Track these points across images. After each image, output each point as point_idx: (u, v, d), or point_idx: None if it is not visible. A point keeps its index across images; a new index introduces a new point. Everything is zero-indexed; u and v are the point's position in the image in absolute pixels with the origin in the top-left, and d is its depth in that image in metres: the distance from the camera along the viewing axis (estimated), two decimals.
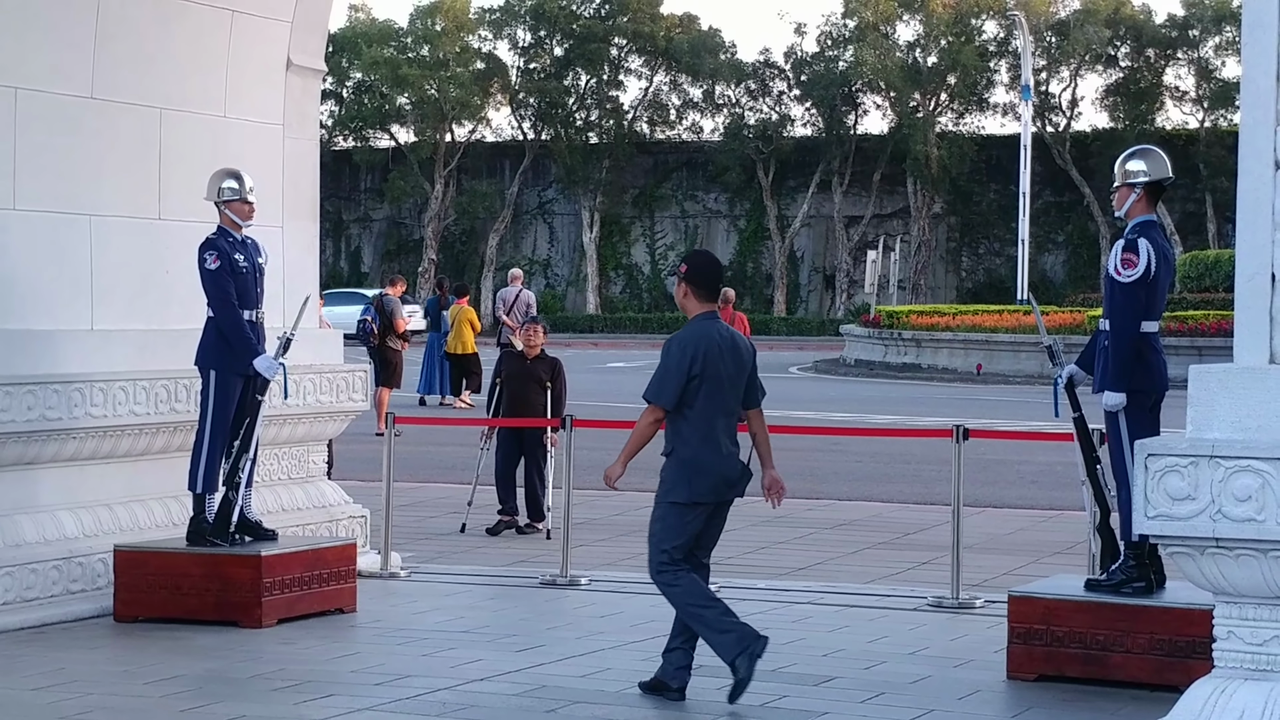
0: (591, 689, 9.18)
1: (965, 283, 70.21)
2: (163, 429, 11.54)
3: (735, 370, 9.05)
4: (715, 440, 8.97)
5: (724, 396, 9.01)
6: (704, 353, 8.93)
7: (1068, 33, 68.30)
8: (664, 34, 72.51)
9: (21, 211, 11.00)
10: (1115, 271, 9.45)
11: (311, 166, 13.14)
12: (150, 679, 9.28)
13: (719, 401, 9.00)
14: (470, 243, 74.88)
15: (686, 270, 9.09)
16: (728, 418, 9.05)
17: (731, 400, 9.06)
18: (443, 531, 15.47)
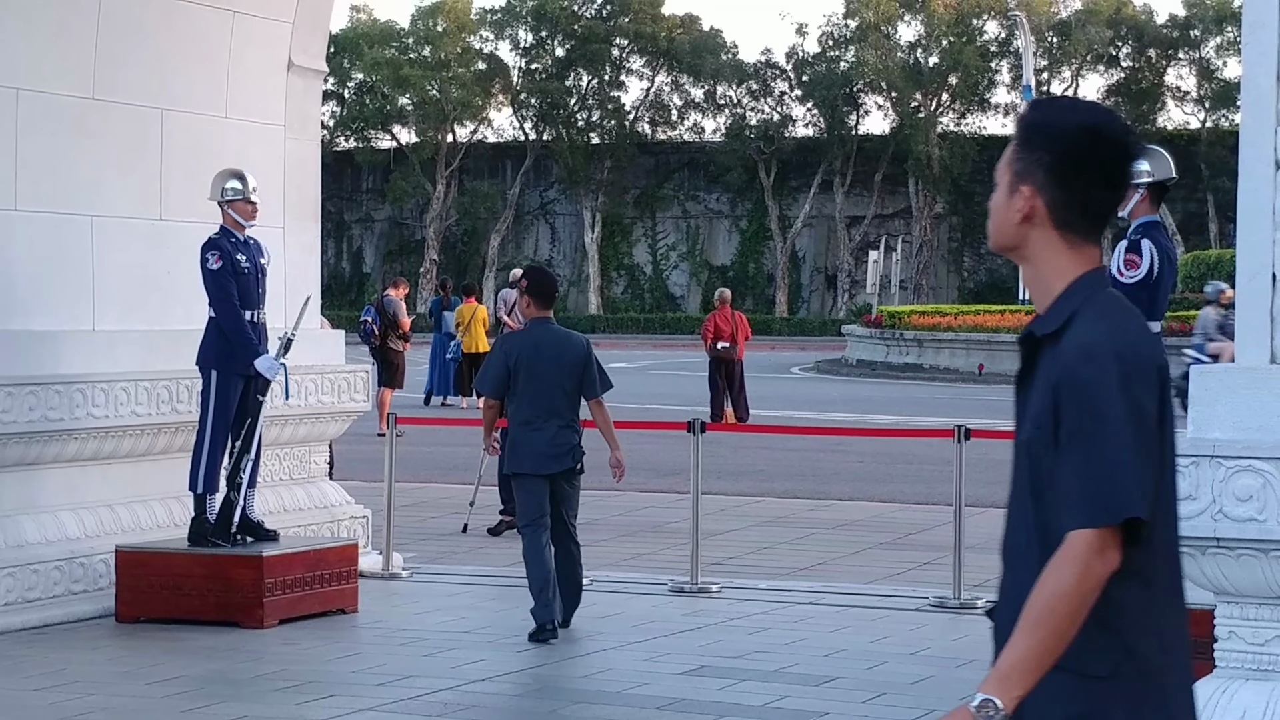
0: (593, 689, 9.18)
1: (967, 283, 70.23)
2: (164, 429, 11.54)
3: (557, 366, 10.57)
4: (535, 423, 10.54)
5: (545, 387, 10.55)
6: (521, 351, 10.56)
7: (1069, 33, 68.33)
8: (665, 34, 72.54)
9: (23, 212, 11.00)
10: (1118, 272, 9.45)
11: (313, 167, 13.15)
12: (152, 679, 9.29)
13: (539, 391, 10.54)
14: (472, 243, 74.91)
15: (527, 285, 10.80)
16: (550, 404, 10.55)
17: (555, 390, 10.57)
18: (444, 532, 15.47)
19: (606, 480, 18.82)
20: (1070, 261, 3.49)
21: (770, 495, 18.49)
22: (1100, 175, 3.47)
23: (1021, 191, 3.48)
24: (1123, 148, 3.49)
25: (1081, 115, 3.48)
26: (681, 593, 12.16)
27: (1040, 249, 3.51)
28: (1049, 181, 3.46)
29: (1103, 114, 3.51)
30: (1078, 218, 3.48)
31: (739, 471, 20.42)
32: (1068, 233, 3.48)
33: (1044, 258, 3.51)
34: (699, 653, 10.07)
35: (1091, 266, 3.49)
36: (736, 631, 10.73)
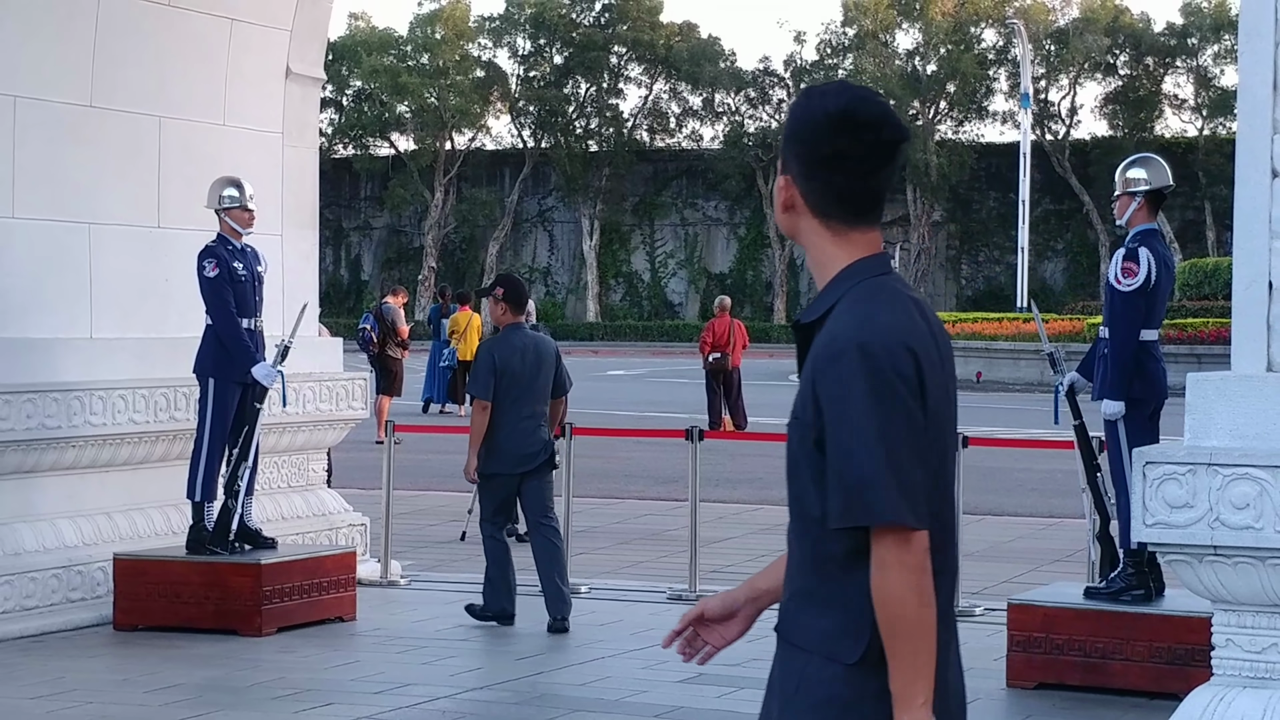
0: (591, 697, 9.18)
1: (965, 290, 70.25)
2: (162, 437, 11.54)
3: (535, 370, 11.22)
4: (517, 424, 11.15)
5: (526, 390, 11.17)
6: (507, 356, 11.14)
7: (1067, 41, 68.38)
8: (664, 42, 72.58)
9: (21, 220, 11.01)
10: (1115, 280, 9.46)
11: (311, 174, 13.15)
12: (150, 687, 9.29)
13: (522, 393, 11.16)
14: (470, 251, 74.91)
15: (503, 293, 11.34)
16: (531, 406, 11.18)
17: (535, 392, 11.22)
18: (442, 539, 15.47)
19: (605, 488, 18.82)
20: (838, 249, 3.47)
21: (768, 503, 18.49)
22: (849, 164, 3.42)
23: (780, 181, 3.49)
24: (873, 136, 3.42)
25: (834, 103, 3.43)
26: (680, 600, 12.16)
27: (809, 237, 3.50)
28: (802, 171, 3.45)
29: (858, 102, 3.44)
30: (835, 207, 3.46)
31: (737, 479, 20.42)
32: (831, 221, 3.46)
33: (813, 245, 3.50)
34: (695, 663, 10.06)
35: (862, 254, 3.46)
36: None
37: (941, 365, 3.43)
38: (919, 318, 3.43)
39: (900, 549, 3.28)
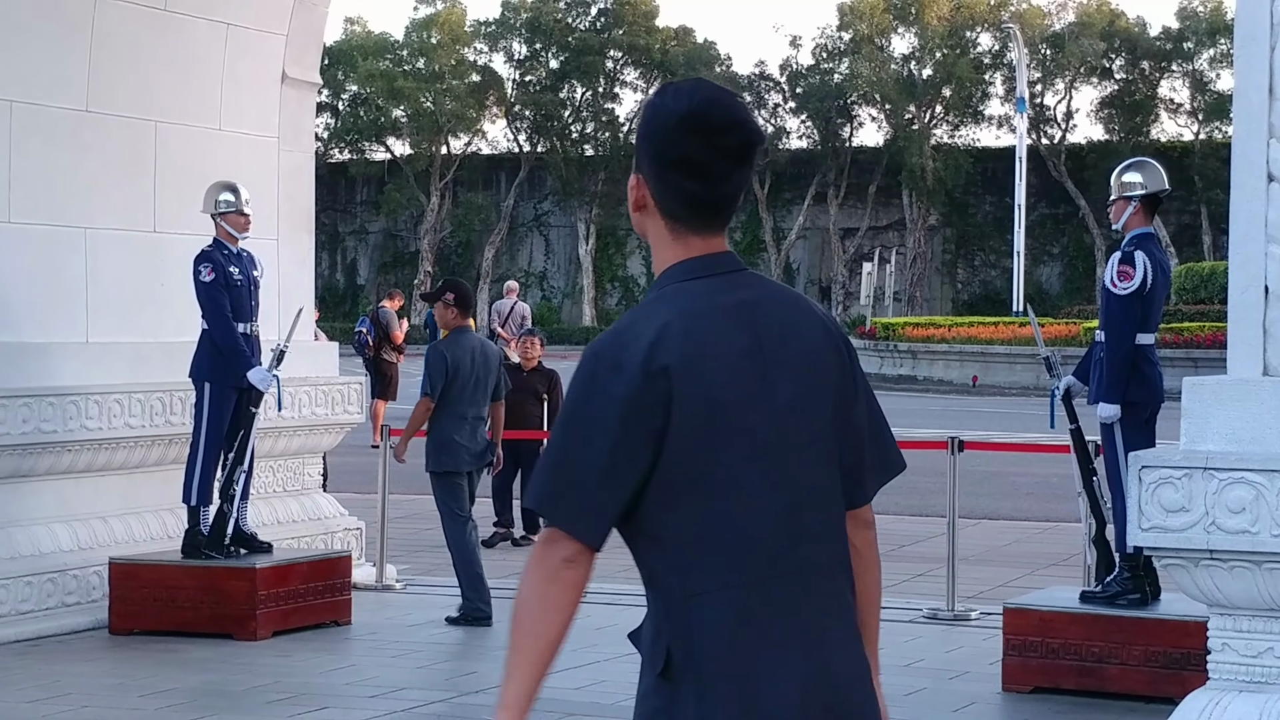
0: (587, 701, 9.18)
1: (961, 294, 70.27)
2: (158, 441, 11.54)
3: (485, 372, 11.70)
4: (468, 424, 11.55)
5: (475, 391, 11.59)
6: (459, 358, 11.54)
7: (1062, 45, 68.40)
8: (659, 47, 72.58)
9: (16, 225, 11.00)
10: (1111, 284, 9.46)
11: (307, 179, 13.15)
12: (145, 691, 9.28)
13: (473, 395, 11.59)
14: (466, 255, 74.91)
15: (455, 298, 11.79)
16: (478, 408, 11.61)
17: (482, 394, 11.66)
18: (438, 544, 15.43)
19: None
20: (672, 253, 3.37)
21: None
22: (698, 168, 3.31)
23: (633, 180, 3.42)
24: (724, 140, 3.31)
25: (685, 104, 3.31)
26: None
27: (653, 238, 3.42)
28: (653, 172, 3.36)
29: (708, 104, 3.32)
30: (681, 209, 3.34)
31: None
32: (674, 223, 3.37)
33: (655, 246, 3.43)
34: None
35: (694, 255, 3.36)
36: None
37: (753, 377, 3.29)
38: (721, 327, 3.29)
39: (542, 551, 3.27)
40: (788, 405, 3.32)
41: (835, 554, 3.40)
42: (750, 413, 3.29)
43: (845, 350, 3.45)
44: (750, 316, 3.32)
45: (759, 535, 3.29)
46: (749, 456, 3.28)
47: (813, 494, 3.35)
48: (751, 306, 3.33)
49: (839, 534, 3.41)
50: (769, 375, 3.31)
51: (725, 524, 3.27)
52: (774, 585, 3.29)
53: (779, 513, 3.31)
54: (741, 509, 3.28)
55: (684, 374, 3.23)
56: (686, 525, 3.27)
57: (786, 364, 3.33)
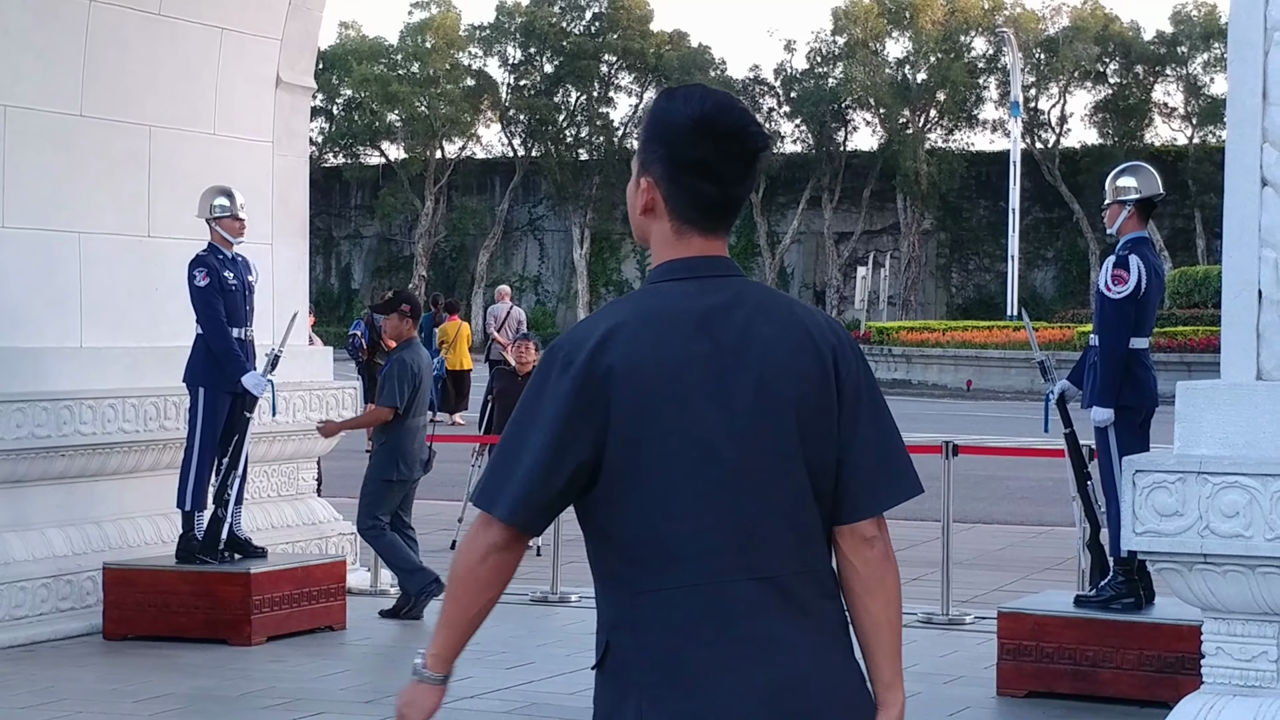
0: (581, 706, 9.17)
1: (955, 299, 70.28)
2: (152, 446, 11.53)
3: (428, 380, 12.16)
4: (416, 433, 11.98)
5: (424, 399, 12.04)
6: (419, 369, 11.98)
7: (1057, 49, 68.44)
8: (654, 51, 72.59)
9: (11, 229, 11.00)
10: (1105, 288, 9.47)
11: (301, 183, 13.15)
12: (140, 697, 9.27)
13: (421, 402, 12.01)
14: (461, 259, 74.89)
15: (410, 309, 12.23)
16: (423, 416, 12.08)
17: (425, 403, 12.11)
18: (433, 549, 15.44)
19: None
20: (670, 253, 3.44)
21: None
22: (710, 170, 3.38)
23: (642, 184, 3.47)
24: (736, 144, 3.38)
25: (695, 109, 3.39)
26: None
27: (656, 240, 3.48)
28: (666, 175, 3.42)
29: (720, 110, 3.39)
30: (692, 212, 3.42)
31: None
32: (681, 225, 3.42)
33: (656, 248, 3.48)
34: None
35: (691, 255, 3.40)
36: None
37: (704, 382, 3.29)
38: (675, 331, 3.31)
39: (478, 532, 3.43)
40: (745, 412, 3.31)
41: (799, 564, 3.36)
42: (698, 417, 3.29)
43: (835, 362, 3.39)
44: (713, 322, 3.33)
45: (702, 540, 3.30)
46: (694, 460, 3.29)
47: (769, 503, 3.33)
48: (720, 311, 3.35)
49: (805, 544, 3.37)
50: (725, 381, 3.31)
51: (667, 525, 3.29)
52: (722, 590, 3.29)
53: (726, 519, 3.30)
54: (683, 512, 3.29)
55: (626, 375, 3.28)
56: (630, 523, 3.31)
57: (746, 371, 3.32)
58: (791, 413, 3.34)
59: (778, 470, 3.33)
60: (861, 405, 3.41)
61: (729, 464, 3.30)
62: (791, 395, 3.34)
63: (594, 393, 3.28)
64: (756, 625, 3.29)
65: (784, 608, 3.32)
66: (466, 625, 3.56)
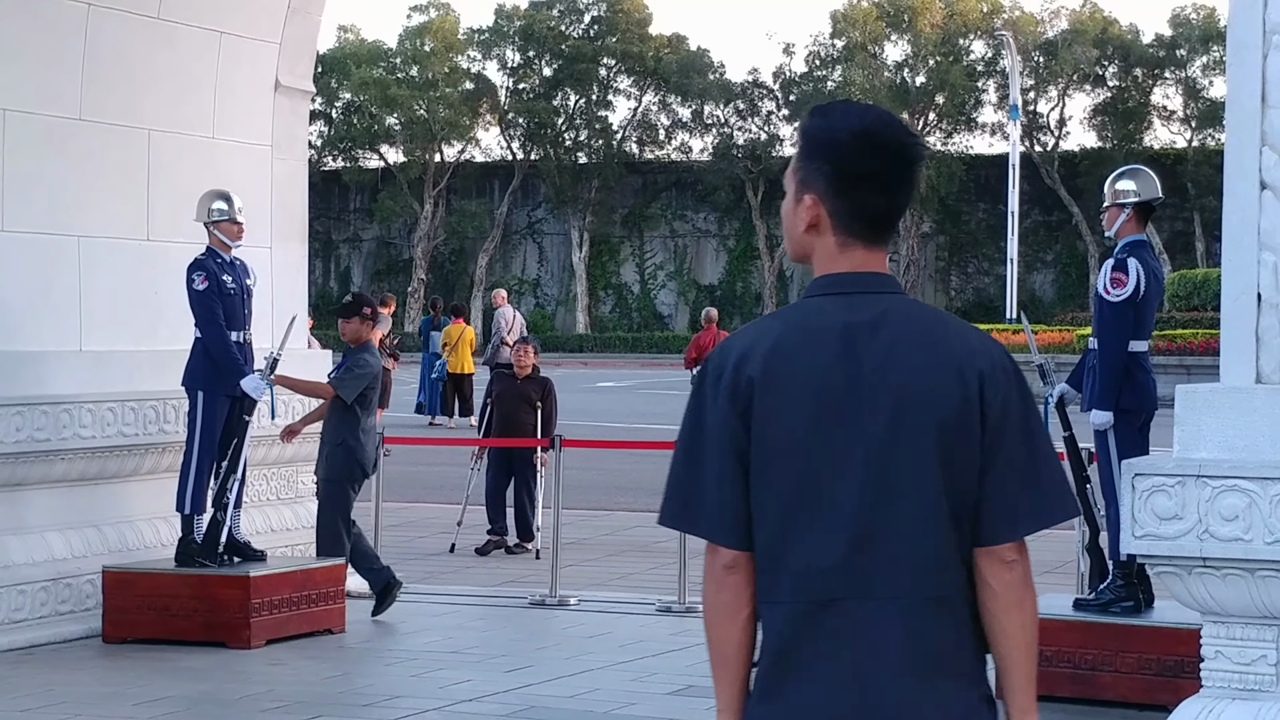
0: (580, 709, 9.17)
1: (954, 302, 70.29)
2: (151, 450, 11.53)
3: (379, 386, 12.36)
4: (370, 434, 12.10)
5: (374, 401, 12.16)
6: (379, 369, 12.16)
7: (1055, 52, 68.47)
8: (653, 54, 72.60)
9: (9, 233, 11.00)
10: (1104, 291, 9.47)
11: (300, 187, 13.15)
12: (139, 700, 9.27)
13: (372, 405, 12.10)
14: (460, 263, 74.89)
15: (370, 311, 12.33)
16: (373, 417, 12.17)
17: (375, 404, 12.21)
18: (432, 552, 15.46)
19: (594, 500, 18.81)
20: (832, 267, 3.47)
21: None
22: (876, 183, 3.43)
23: (805, 201, 3.47)
24: (897, 156, 3.44)
25: (855, 122, 3.44)
26: (669, 612, 12.15)
27: (819, 255, 3.49)
28: (829, 190, 3.44)
29: (880, 123, 3.45)
30: (858, 224, 3.45)
31: None
32: (846, 239, 3.45)
33: (819, 264, 3.50)
34: (686, 672, 10.06)
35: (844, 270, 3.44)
36: None
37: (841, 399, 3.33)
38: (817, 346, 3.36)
39: (708, 562, 3.47)
40: (878, 434, 3.34)
41: (920, 590, 3.36)
42: (830, 435, 3.34)
43: (980, 386, 3.37)
44: (857, 340, 3.37)
45: (819, 558, 3.35)
46: (822, 478, 3.34)
47: (894, 527, 3.34)
48: (865, 329, 3.38)
49: (930, 571, 3.36)
50: (862, 400, 3.35)
51: (788, 539, 3.35)
52: (831, 610, 3.35)
53: (849, 536, 3.34)
54: (805, 528, 3.35)
55: (765, 386, 3.35)
56: (761, 533, 3.38)
57: (884, 392, 3.35)
58: (929, 437, 3.35)
59: (908, 494, 3.34)
60: (1008, 429, 3.39)
61: (857, 485, 3.34)
62: (930, 419, 3.35)
63: (739, 403, 3.35)
64: (859, 648, 3.33)
65: (894, 633, 3.34)
66: (734, 661, 3.44)
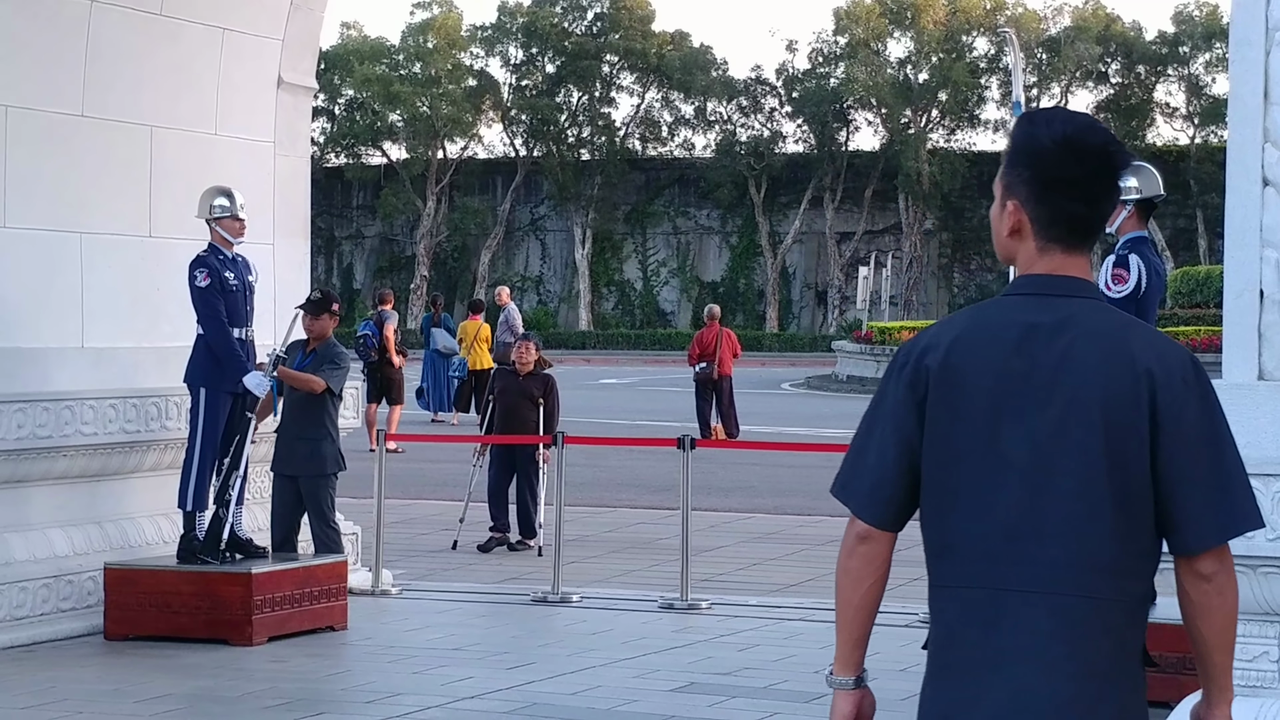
0: (583, 706, 9.17)
1: (957, 298, 70.29)
2: (153, 447, 11.53)
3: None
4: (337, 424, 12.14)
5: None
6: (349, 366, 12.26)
7: (1058, 49, 68.47)
8: (656, 51, 72.61)
9: (12, 230, 11.00)
10: (1105, 287, 9.47)
11: (303, 184, 13.15)
12: (141, 697, 9.27)
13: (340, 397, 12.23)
14: (462, 260, 74.91)
15: (337, 307, 12.40)
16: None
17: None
18: (434, 548, 15.46)
19: (596, 496, 18.82)
20: (1029, 269, 3.57)
21: (760, 511, 18.49)
22: (1079, 190, 3.51)
23: (1008, 207, 3.56)
24: (1100, 163, 3.51)
25: (1060, 130, 3.52)
26: (671, 609, 12.15)
27: (1022, 259, 3.58)
28: (1032, 196, 3.52)
29: (1085, 130, 3.52)
30: (1059, 230, 3.53)
31: (729, 487, 20.41)
32: (1047, 244, 3.53)
33: (1020, 267, 3.60)
34: (688, 669, 10.07)
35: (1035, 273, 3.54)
36: (726, 648, 10.72)
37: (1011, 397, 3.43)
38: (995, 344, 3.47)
39: (846, 529, 3.60)
40: (1047, 433, 3.42)
41: (1080, 586, 3.41)
42: (999, 431, 3.44)
43: (1152, 392, 3.42)
44: (1036, 341, 3.46)
45: (982, 547, 3.45)
46: (988, 470, 3.45)
47: (1053, 521, 3.41)
48: (1045, 331, 3.47)
49: (1086, 565, 3.42)
50: (1034, 400, 3.44)
51: (956, 528, 3.47)
52: (992, 599, 3.44)
53: (1007, 530, 3.43)
54: (970, 518, 3.45)
55: (941, 378, 3.49)
56: (930, 520, 3.52)
57: (1056, 394, 3.43)
58: (1096, 439, 3.41)
59: (1068, 494, 3.41)
60: (1185, 437, 3.43)
61: (1019, 481, 3.43)
62: (1098, 421, 3.42)
63: (917, 392, 3.50)
64: (1016, 639, 3.41)
65: (1047, 626, 3.41)
66: (854, 621, 3.61)
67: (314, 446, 11.88)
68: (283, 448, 11.91)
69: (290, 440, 11.88)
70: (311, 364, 11.95)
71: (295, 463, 11.87)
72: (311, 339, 12.05)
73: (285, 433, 11.89)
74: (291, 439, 11.86)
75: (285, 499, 11.89)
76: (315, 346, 12.06)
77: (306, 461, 11.88)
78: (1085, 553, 3.40)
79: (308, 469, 11.88)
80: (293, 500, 11.88)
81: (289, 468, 11.89)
